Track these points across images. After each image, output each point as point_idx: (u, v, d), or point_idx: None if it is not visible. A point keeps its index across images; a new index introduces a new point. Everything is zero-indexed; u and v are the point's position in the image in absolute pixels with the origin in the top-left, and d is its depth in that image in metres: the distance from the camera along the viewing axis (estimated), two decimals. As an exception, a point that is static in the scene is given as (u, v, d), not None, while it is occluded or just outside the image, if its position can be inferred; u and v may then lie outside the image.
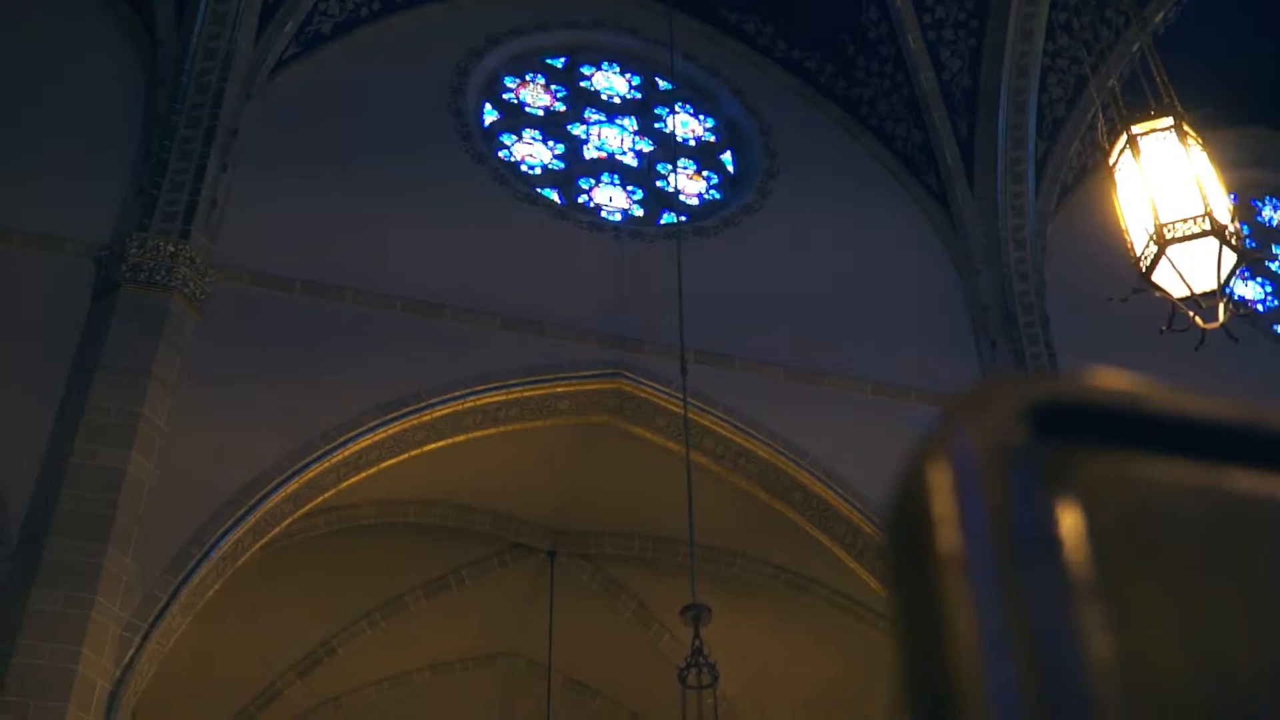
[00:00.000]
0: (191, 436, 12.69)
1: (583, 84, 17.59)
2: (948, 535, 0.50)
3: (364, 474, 13.53)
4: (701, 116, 17.75)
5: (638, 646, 17.00)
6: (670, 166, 16.82)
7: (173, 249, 13.40)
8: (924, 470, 0.54)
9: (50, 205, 13.55)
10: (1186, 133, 6.94)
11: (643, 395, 14.23)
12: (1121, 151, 6.97)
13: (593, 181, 16.56)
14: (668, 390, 13.83)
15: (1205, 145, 7.13)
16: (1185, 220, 5.82)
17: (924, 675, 0.52)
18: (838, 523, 14.13)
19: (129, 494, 12.14)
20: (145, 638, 11.83)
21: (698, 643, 11.28)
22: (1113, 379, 0.55)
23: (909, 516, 0.53)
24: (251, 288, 13.70)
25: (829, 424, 14.42)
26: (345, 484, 13.44)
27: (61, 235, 13.48)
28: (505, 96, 16.96)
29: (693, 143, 17.44)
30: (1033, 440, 0.52)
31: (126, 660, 11.64)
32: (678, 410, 13.34)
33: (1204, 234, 5.95)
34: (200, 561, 12.27)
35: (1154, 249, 5.91)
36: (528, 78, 17.27)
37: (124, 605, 11.77)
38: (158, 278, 13.27)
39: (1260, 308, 17.67)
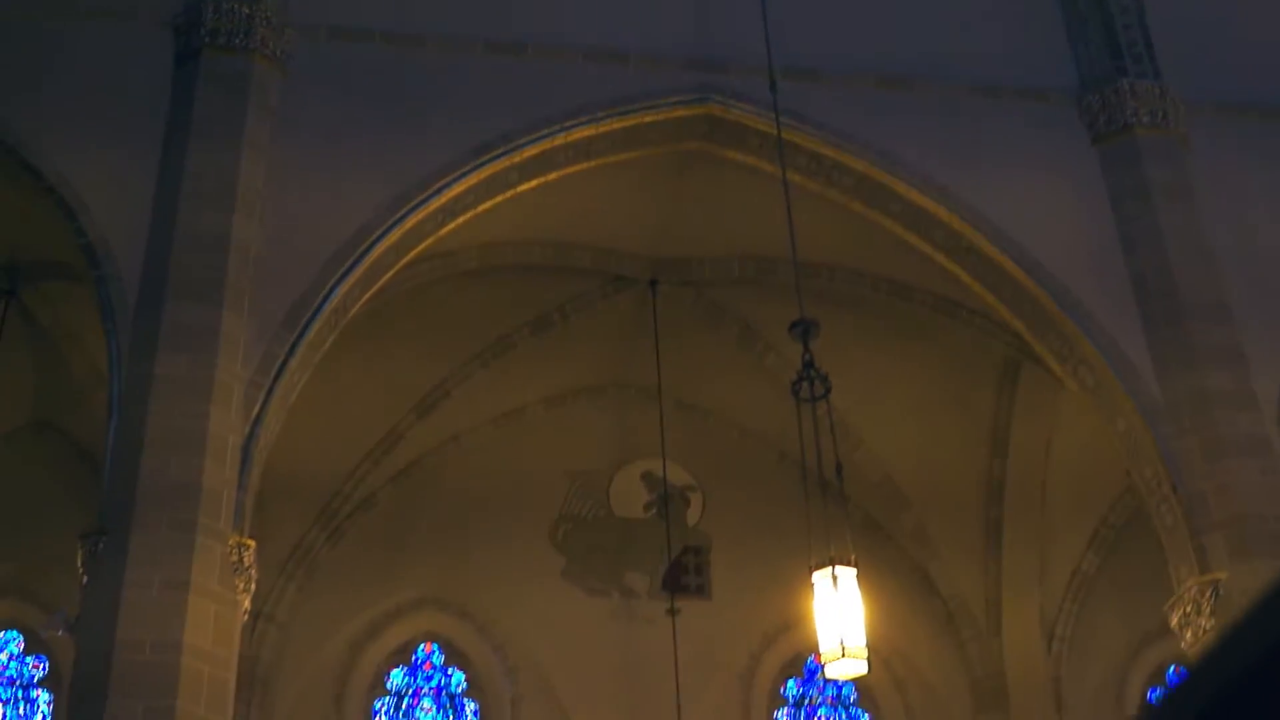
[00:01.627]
0: (289, 196, 12.84)
1: None
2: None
3: (462, 219, 13.64)
4: None
5: (744, 367, 17.25)
6: (741, -123, 16.24)
7: (248, 10, 13.33)
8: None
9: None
10: None
11: (733, 118, 14.09)
12: None
13: (662, -100, 16.05)
14: (758, 110, 13.68)
15: None
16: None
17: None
18: (937, 229, 14.07)
19: (236, 256, 12.38)
20: (269, 394, 12.20)
21: (808, 356, 11.40)
22: None
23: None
24: (332, 43, 13.64)
25: (923, 130, 14.24)
26: (444, 230, 13.56)
27: (135, 4, 13.45)
28: None
29: None
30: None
31: (254, 415, 12.04)
32: (769, 130, 13.19)
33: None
34: (313, 317, 12.54)
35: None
36: None
37: (245, 364, 12.12)
38: (236, 40, 13.25)
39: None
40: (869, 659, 10.23)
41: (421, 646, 17.38)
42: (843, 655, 10.00)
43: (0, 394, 15.15)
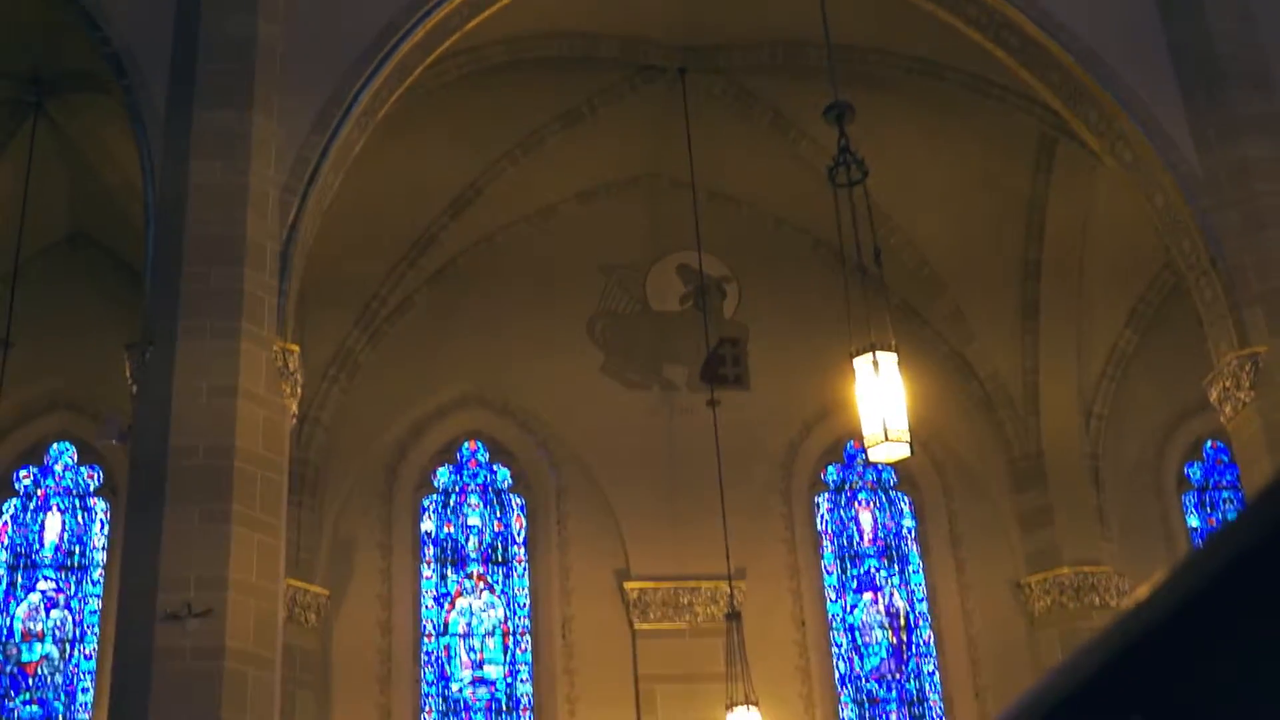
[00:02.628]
0: (312, -5, 12.67)
1: None
2: None
3: (486, 13, 13.43)
4: None
5: (777, 154, 17.08)
6: None
7: None
8: None
9: None
10: None
11: (758, -105, 13.71)
12: None
13: None
14: (784, -113, 13.29)
15: None
16: None
17: None
18: (970, 4, 13.75)
19: (263, 59, 12.27)
20: (303, 198, 12.21)
21: (843, 140, 11.24)
22: None
23: None
24: None
25: (955, -98, 13.82)
26: (470, 25, 13.36)
27: None
28: None
29: None
30: None
31: (290, 221, 12.06)
32: (797, -93, 12.84)
33: None
34: (342, 119, 12.47)
35: None
36: None
37: (278, 169, 12.11)
38: None
39: None
40: (909, 442, 10.31)
41: (466, 444, 17.64)
42: (885, 439, 10.07)
43: (35, 208, 15.17)
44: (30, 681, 15.92)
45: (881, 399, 10.19)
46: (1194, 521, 18.05)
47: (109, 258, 16.54)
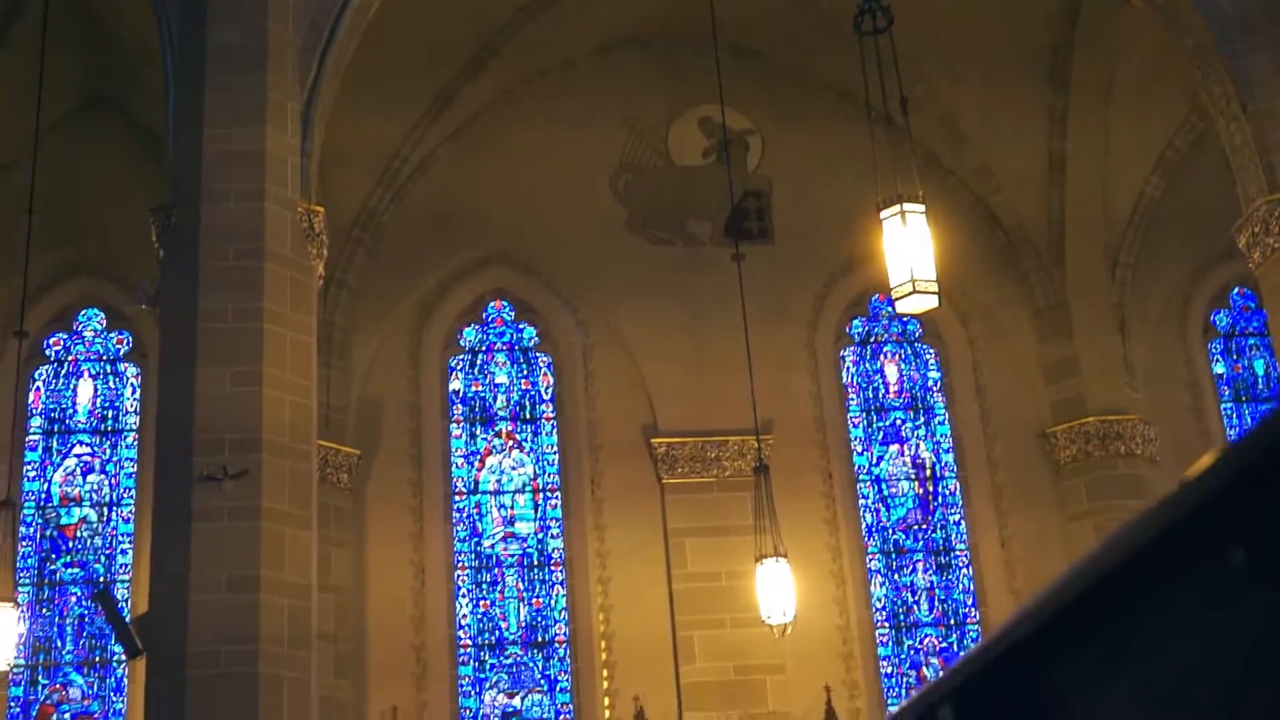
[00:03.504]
0: None
1: None
2: None
3: None
4: None
5: (800, 5, 16.80)
6: None
7: None
8: None
9: None
10: None
11: None
12: None
13: None
14: None
15: None
16: None
17: None
18: None
19: (276, -84, 12.10)
20: (322, 58, 12.11)
21: (869, -11, 11.08)
22: None
23: None
24: None
25: None
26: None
27: None
28: None
29: None
30: None
31: (309, 82, 11.98)
32: None
33: None
34: (358, -23, 12.31)
35: None
36: None
37: (295, 29, 11.99)
38: None
39: None
40: (937, 293, 10.29)
41: (491, 304, 17.65)
42: (913, 290, 10.07)
43: (53, 74, 15.03)
44: (70, 545, 16.20)
45: (909, 251, 10.17)
46: (1220, 369, 18.06)
47: (131, 122, 16.46)
